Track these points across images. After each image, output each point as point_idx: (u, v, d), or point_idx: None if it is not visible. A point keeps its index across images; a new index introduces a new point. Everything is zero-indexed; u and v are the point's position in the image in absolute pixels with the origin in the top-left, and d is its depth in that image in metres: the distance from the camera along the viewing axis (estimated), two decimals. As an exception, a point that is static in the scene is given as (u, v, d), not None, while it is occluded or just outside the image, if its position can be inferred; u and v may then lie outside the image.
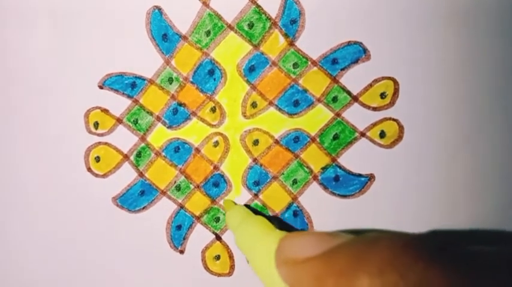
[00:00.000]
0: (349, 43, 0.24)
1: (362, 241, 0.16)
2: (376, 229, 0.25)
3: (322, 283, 0.16)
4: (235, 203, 0.25)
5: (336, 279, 0.15)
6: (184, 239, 0.25)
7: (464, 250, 0.15)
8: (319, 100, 0.24)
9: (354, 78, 0.24)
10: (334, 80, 0.24)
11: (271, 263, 0.18)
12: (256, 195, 0.25)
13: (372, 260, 0.15)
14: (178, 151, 0.25)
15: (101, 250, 0.26)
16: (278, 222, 0.25)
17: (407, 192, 0.24)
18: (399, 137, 0.24)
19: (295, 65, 0.24)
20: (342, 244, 0.16)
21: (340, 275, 0.15)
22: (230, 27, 0.24)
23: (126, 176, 0.25)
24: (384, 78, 0.24)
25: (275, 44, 0.24)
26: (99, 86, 0.24)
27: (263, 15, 0.24)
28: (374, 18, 0.23)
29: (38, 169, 0.25)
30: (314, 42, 0.24)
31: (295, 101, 0.24)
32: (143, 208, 0.25)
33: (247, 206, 0.25)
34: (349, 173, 0.24)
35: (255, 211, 0.25)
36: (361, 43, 0.23)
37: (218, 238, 0.25)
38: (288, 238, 0.18)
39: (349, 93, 0.24)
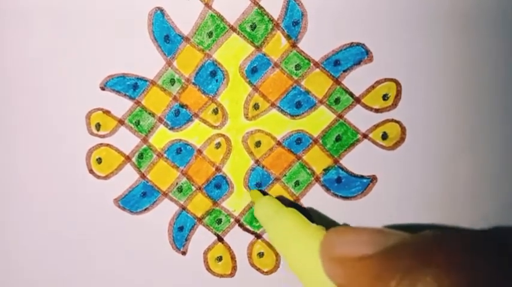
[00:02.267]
0: (351, 45, 0.23)
1: (424, 240, 0.15)
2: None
3: (383, 283, 0.15)
4: (264, 194, 0.24)
5: (399, 278, 0.15)
6: (186, 240, 0.25)
7: None
8: (321, 102, 0.24)
9: (356, 80, 0.24)
10: (337, 81, 0.24)
11: (314, 259, 0.17)
12: (258, 196, 0.25)
13: (438, 260, 0.14)
14: (180, 152, 0.25)
15: (103, 251, 0.25)
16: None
17: (410, 193, 0.24)
18: (401, 139, 0.24)
19: (297, 67, 0.24)
20: (401, 243, 0.16)
21: (404, 275, 0.14)
22: (232, 28, 0.24)
23: (128, 177, 0.25)
24: (386, 79, 0.24)
25: (277, 45, 0.24)
26: (100, 87, 0.24)
27: (265, 17, 0.23)
28: (376, 20, 0.23)
29: (39, 171, 0.25)
30: (316, 43, 0.24)
31: (298, 103, 0.24)
32: (145, 209, 0.25)
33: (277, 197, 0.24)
34: (352, 174, 0.25)
35: (284, 202, 0.24)
36: (363, 45, 0.23)
37: (220, 239, 0.25)
38: (336, 233, 0.18)
39: (351, 94, 0.24)
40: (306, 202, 0.25)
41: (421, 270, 0.14)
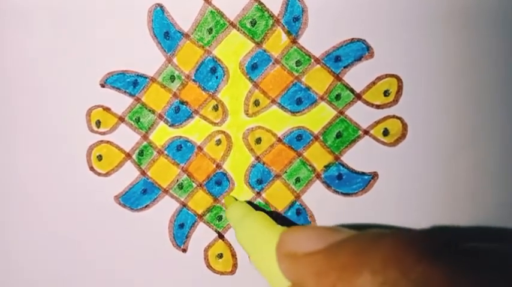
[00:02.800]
0: (352, 40, 0.23)
1: (365, 237, 0.16)
2: (379, 227, 0.24)
3: (323, 278, 0.16)
4: (236, 199, 0.25)
5: (338, 274, 0.15)
6: (186, 237, 0.25)
7: (466, 248, 0.15)
8: (322, 98, 0.24)
9: (357, 76, 0.24)
10: (337, 77, 0.24)
11: (273, 258, 0.18)
12: (259, 193, 0.25)
13: (375, 257, 0.15)
14: (180, 149, 0.25)
15: (103, 249, 0.25)
16: (280, 218, 0.25)
17: (411, 190, 0.24)
18: (402, 135, 0.24)
19: (298, 63, 0.24)
20: (344, 240, 0.16)
21: (342, 271, 0.15)
22: (232, 24, 0.24)
23: (129, 174, 0.25)
24: (387, 75, 0.24)
25: (278, 41, 0.24)
26: (100, 84, 0.24)
27: (265, 13, 0.23)
28: (377, 16, 0.23)
29: (39, 168, 0.25)
30: (317, 39, 0.23)
31: (298, 99, 0.24)
32: (145, 206, 0.25)
33: (248, 202, 0.25)
34: (352, 171, 0.24)
35: (256, 207, 0.25)
36: (364, 40, 0.23)
37: (221, 236, 0.25)
38: (289, 232, 0.18)
39: (352, 91, 0.24)
40: (306, 198, 0.25)
41: (358, 266, 0.15)
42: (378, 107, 0.24)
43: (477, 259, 0.14)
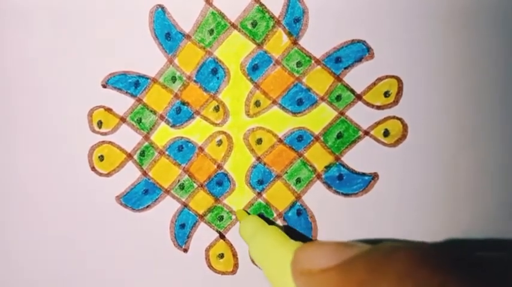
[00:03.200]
0: (352, 42, 0.23)
1: (380, 252, 0.16)
2: (378, 227, 0.25)
3: None
4: (248, 213, 0.25)
5: None
6: (188, 237, 0.25)
7: (480, 259, 0.15)
8: (322, 99, 0.24)
9: (358, 77, 0.24)
10: (338, 78, 0.24)
11: (287, 274, 0.18)
12: (259, 194, 0.25)
13: (390, 272, 0.15)
14: (181, 149, 0.25)
15: (105, 249, 0.26)
16: (291, 231, 0.25)
17: (411, 191, 0.24)
18: (403, 136, 0.24)
19: (298, 64, 0.24)
20: (359, 255, 0.16)
21: (358, 286, 0.15)
22: (233, 26, 0.24)
23: (130, 175, 0.25)
24: (387, 76, 0.24)
25: (278, 42, 0.24)
26: (102, 85, 0.24)
27: (266, 14, 0.23)
28: (378, 17, 0.23)
29: (41, 168, 0.25)
30: (317, 40, 0.24)
31: (299, 100, 0.24)
32: (147, 206, 0.25)
33: (261, 216, 0.25)
34: (353, 172, 0.25)
35: (268, 221, 0.25)
36: (364, 41, 0.23)
37: (222, 236, 0.25)
38: (303, 248, 0.18)
39: (352, 91, 0.24)
40: (307, 199, 0.25)
41: (374, 282, 0.15)
42: (378, 107, 0.24)
43: (493, 271, 0.14)
